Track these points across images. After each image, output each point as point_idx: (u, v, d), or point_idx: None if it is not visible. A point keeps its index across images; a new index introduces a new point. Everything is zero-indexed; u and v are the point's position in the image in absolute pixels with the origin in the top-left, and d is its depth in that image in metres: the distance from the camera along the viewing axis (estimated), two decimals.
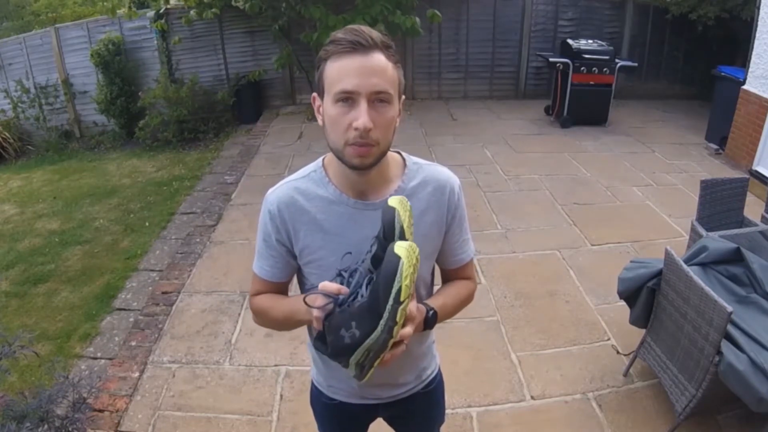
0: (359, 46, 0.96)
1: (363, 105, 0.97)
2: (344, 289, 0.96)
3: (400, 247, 0.90)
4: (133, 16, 6.38)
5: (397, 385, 1.30)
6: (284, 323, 1.17)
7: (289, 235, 1.13)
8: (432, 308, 1.11)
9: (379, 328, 0.90)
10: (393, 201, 0.99)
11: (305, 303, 0.98)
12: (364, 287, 0.94)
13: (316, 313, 0.97)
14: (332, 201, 1.11)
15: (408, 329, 0.97)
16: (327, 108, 1.01)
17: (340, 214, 1.10)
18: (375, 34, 0.98)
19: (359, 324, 0.92)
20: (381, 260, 0.93)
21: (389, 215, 0.98)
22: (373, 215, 1.09)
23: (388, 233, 0.97)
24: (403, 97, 1.05)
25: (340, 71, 0.97)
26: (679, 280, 2.13)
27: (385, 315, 0.90)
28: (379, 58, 0.98)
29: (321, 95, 1.03)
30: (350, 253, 1.05)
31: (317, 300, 0.97)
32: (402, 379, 1.29)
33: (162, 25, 6.58)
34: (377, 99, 0.99)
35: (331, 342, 0.96)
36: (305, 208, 1.11)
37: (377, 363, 0.96)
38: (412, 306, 0.99)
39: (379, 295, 0.90)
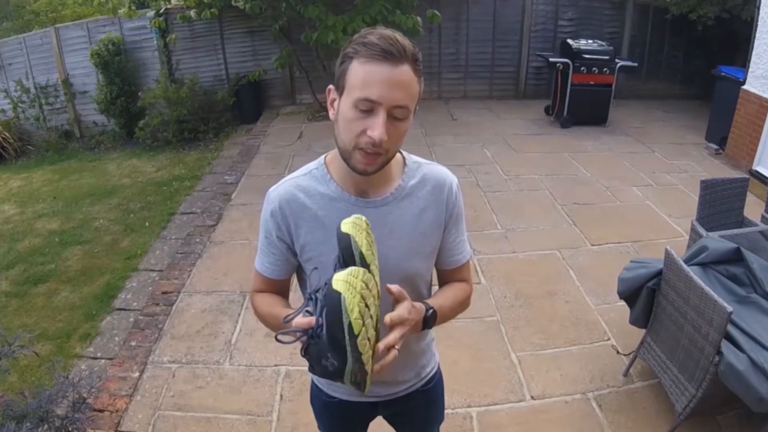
0: (390, 56, 0.95)
1: (381, 116, 0.97)
2: (313, 321, 0.92)
3: (337, 281, 0.84)
4: (133, 16, 6.37)
5: (397, 382, 1.30)
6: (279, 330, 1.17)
7: (290, 232, 1.13)
8: (431, 307, 1.11)
9: (350, 360, 0.88)
10: (345, 226, 0.93)
11: (276, 340, 0.97)
12: (324, 317, 0.89)
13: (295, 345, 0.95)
14: (333, 198, 1.12)
15: (395, 335, 0.96)
16: (343, 107, 1.00)
17: (340, 211, 1.10)
18: (407, 44, 0.97)
19: (333, 356, 0.89)
20: None
21: (345, 242, 0.92)
22: (373, 213, 1.10)
23: (348, 261, 0.92)
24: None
25: (367, 77, 0.96)
26: (679, 280, 2.13)
27: (348, 349, 0.86)
28: (406, 71, 0.97)
29: (339, 91, 1.02)
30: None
31: (286, 338, 0.95)
32: (401, 377, 1.30)
33: (160, 22, 6.57)
34: (396, 112, 0.99)
35: (318, 370, 0.94)
36: (306, 205, 1.12)
37: (369, 378, 0.94)
38: (401, 319, 0.97)
39: (334, 332, 0.86)
